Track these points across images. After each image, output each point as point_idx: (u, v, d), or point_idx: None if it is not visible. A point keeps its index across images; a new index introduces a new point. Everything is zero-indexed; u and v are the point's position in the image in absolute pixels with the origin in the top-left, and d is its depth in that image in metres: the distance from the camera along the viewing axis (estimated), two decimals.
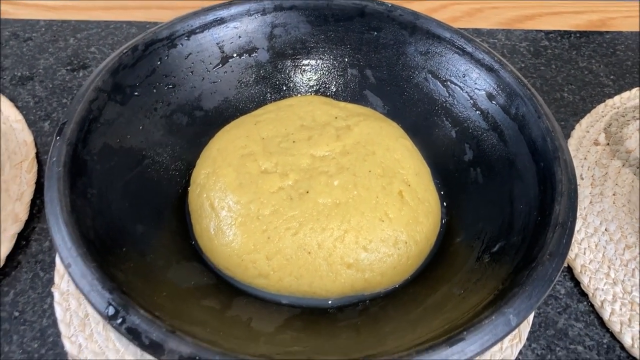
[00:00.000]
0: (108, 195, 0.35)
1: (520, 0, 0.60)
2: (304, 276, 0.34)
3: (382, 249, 0.34)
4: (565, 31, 0.56)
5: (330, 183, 0.36)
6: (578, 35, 0.56)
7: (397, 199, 0.36)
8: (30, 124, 0.47)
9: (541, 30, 0.56)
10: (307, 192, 0.36)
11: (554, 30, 0.56)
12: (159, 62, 0.41)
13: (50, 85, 0.50)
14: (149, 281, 0.32)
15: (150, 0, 0.59)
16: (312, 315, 0.34)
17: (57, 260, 0.39)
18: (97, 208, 0.33)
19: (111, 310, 0.28)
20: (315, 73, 0.45)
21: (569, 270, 0.40)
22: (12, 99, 0.49)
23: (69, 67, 0.52)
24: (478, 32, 0.56)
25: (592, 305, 0.38)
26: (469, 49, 0.41)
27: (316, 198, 0.35)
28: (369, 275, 0.34)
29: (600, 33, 0.56)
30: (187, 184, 0.40)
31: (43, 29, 0.55)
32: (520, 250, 0.32)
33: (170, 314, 0.29)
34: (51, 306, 0.38)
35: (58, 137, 0.34)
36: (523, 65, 0.53)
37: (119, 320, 0.28)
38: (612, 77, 0.52)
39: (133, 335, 0.27)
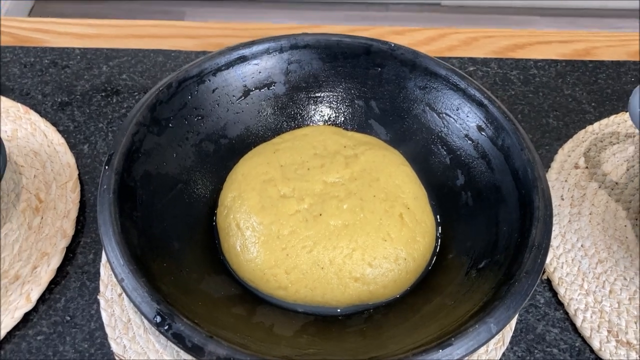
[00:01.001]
0: (150, 217, 0.41)
1: (513, 29, 0.66)
2: (318, 288, 0.40)
3: (384, 265, 0.40)
4: (552, 60, 0.62)
5: (340, 206, 0.42)
6: (564, 64, 0.61)
7: (398, 221, 0.42)
8: (71, 146, 0.53)
9: (530, 59, 0.62)
10: (321, 214, 0.41)
11: (542, 60, 0.62)
12: (189, 97, 0.46)
13: (88, 111, 0.56)
14: (187, 292, 0.38)
15: (176, 26, 0.65)
16: (324, 322, 0.40)
17: (102, 270, 0.45)
18: (142, 228, 0.39)
19: (159, 319, 0.34)
20: (326, 104, 0.51)
21: (548, 282, 0.46)
22: (54, 124, 0.54)
23: (103, 94, 0.57)
24: (473, 60, 0.61)
25: (567, 313, 0.44)
26: (462, 85, 0.47)
27: (328, 220, 0.41)
28: (373, 287, 0.40)
29: (584, 62, 0.61)
30: (215, 204, 0.46)
31: (78, 57, 0.60)
32: (502, 267, 0.38)
33: (206, 320, 0.35)
34: (97, 311, 0.43)
35: (107, 167, 0.40)
36: (513, 92, 0.59)
37: (166, 327, 0.33)
38: (593, 104, 0.58)
39: (178, 339, 0.33)
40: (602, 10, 1.93)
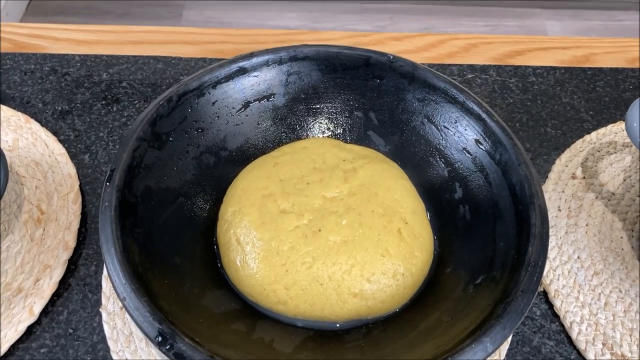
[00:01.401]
0: (151, 233, 0.41)
1: (512, 35, 0.66)
2: (317, 304, 0.40)
3: (382, 281, 0.41)
4: (551, 67, 0.62)
5: (339, 222, 0.42)
6: (563, 71, 0.62)
7: (396, 236, 0.42)
8: (72, 156, 0.53)
9: (529, 66, 0.62)
10: (320, 230, 0.42)
11: (541, 67, 0.62)
12: (189, 110, 0.46)
13: (88, 120, 0.56)
14: (188, 309, 0.38)
15: (175, 32, 0.65)
16: (323, 337, 0.40)
17: (103, 283, 0.46)
18: (143, 245, 0.40)
19: (160, 338, 0.34)
20: (325, 115, 0.51)
21: (545, 294, 0.46)
22: (55, 133, 0.55)
23: (103, 102, 0.57)
24: (472, 68, 0.62)
25: (562, 326, 0.45)
26: (461, 98, 0.47)
27: (327, 236, 0.41)
28: (372, 302, 0.40)
29: (583, 69, 0.62)
30: (215, 216, 0.46)
31: (78, 64, 0.61)
32: (499, 284, 0.39)
33: (207, 338, 0.36)
34: (100, 324, 0.44)
35: (108, 183, 0.40)
36: (512, 100, 0.59)
37: (167, 347, 0.34)
38: (591, 112, 0.58)
39: (179, 359, 0.34)
40: (605, 2, 1.92)
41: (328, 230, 0.42)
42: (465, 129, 0.47)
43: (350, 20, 1.80)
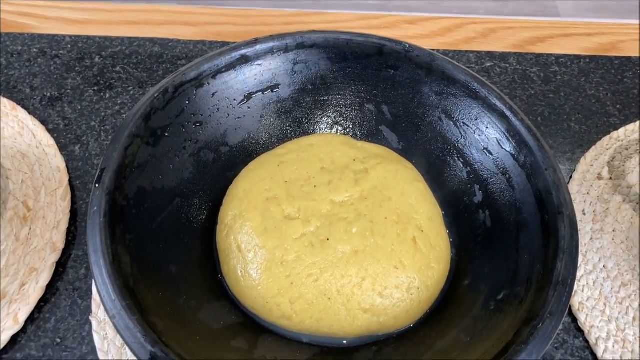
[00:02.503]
0: (144, 239, 0.38)
1: (532, 19, 0.62)
2: (324, 319, 0.37)
3: (396, 295, 0.37)
4: (575, 56, 0.58)
5: (349, 230, 0.39)
6: (588, 60, 0.57)
7: (411, 246, 0.39)
8: (61, 147, 0.49)
9: (552, 54, 0.58)
10: (328, 239, 0.38)
11: (565, 55, 0.58)
12: (187, 102, 0.43)
13: (79, 107, 0.52)
14: (184, 326, 0.35)
15: (172, 12, 0.61)
16: (330, 355, 0.37)
17: (94, 289, 0.42)
18: (135, 254, 0.36)
19: None
20: (334, 108, 0.47)
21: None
22: (43, 121, 0.51)
23: (95, 88, 0.54)
24: (491, 55, 0.58)
25: (587, 342, 0.42)
26: (483, 93, 0.43)
27: (336, 245, 0.38)
28: (384, 319, 0.37)
29: (610, 58, 0.58)
30: (214, 220, 0.43)
31: (69, 46, 0.57)
32: (523, 303, 0.35)
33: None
34: (89, 333, 0.41)
35: (97, 185, 0.37)
36: (533, 92, 0.55)
37: None
38: (618, 106, 0.54)
39: None
40: None
41: (337, 239, 0.38)
42: (487, 127, 0.43)
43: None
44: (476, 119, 0.44)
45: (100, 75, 0.55)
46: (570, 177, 0.49)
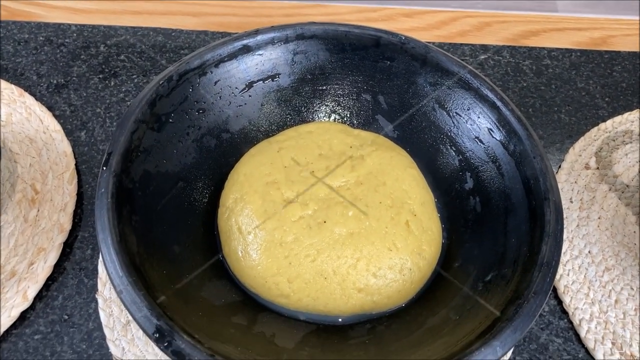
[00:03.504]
0: (149, 220, 0.39)
1: (527, 13, 0.63)
2: (320, 298, 0.39)
3: (389, 275, 0.39)
4: (567, 49, 0.59)
5: (345, 213, 0.40)
6: (579, 54, 0.59)
7: (404, 229, 0.41)
8: (68, 133, 0.51)
9: (544, 48, 0.59)
10: (325, 221, 0.40)
11: (556, 49, 0.59)
12: (190, 90, 0.44)
13: (85, 94, 0.54)
14: (187, 301, 0.37)
15: (175, 3, 0.62)
16: (326, 332, 0.39)
17: (100, 267, 0.44)
18: (141, 233, 0.38)
19: (158, 335, 0.33)
20: (332, 97, 0.49)
21: (554, 289, 0.45)
22: (50, 108, 0.53)
23: (100, 76, 0.55)
24: (485, 48, 0.59)
25: (571, 323, 0.44)
26: (475, 84, 0.45)
27: (332, 228, 0.40)
28: (377, 298, 0.39)
29: (600, 52, 0.59)
30: (216, 203, 0.44)
31: (75, 35, 0.58)
32: (509, 283, 0.37)
33: (207, 334, 0.34)
34: (96, 310, 0.43)
35: (105, 168, 0.38)
36: (525, 84, 0.57)
37: (165, 344, 0.32)
38: (607, 98, 0.56)
39: (178, 357, 0.32)
40: None
41: (333, 221, 0.40)
42: (479, 117, 0.45)
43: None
44: (468, 109, 0.45)
45: (105, 64, 0.56)
46: (559, 166, 0.51)
